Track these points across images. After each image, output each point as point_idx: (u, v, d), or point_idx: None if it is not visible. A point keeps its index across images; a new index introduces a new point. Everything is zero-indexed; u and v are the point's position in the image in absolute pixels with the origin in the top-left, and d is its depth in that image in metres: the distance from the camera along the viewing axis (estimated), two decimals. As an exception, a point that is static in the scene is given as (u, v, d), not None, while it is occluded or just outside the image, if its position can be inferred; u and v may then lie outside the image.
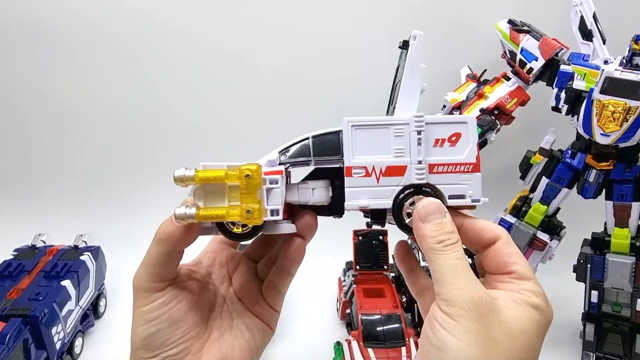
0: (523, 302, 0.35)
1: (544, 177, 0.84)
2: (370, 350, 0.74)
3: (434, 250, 0.36)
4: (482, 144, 0.82)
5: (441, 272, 0.35)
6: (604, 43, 0.78)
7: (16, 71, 1.10)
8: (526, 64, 0.84)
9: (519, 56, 0.84)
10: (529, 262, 0.85)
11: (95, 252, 0.91)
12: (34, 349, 0.72)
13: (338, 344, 0.79)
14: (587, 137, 0.76)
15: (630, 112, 0.70)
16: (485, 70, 0.90)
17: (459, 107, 0.88)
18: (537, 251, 0.86)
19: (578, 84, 0.78)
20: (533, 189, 0.87)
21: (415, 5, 0.99)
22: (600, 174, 0.78)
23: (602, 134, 0.73)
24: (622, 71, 0.71)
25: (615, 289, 0.79)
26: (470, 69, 0.93)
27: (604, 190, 0.79)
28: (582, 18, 0.79)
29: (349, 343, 0.77)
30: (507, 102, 0.86)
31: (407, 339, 0.76)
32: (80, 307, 0.84)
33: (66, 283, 0.80)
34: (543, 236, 0.85)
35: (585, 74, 0.77)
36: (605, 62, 0.76)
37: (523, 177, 0.88)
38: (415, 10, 0.99)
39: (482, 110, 0.84)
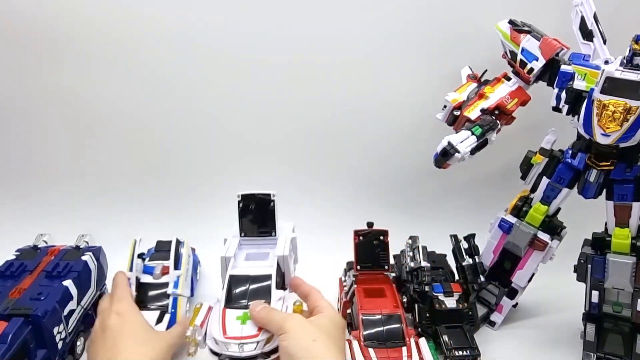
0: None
1: (544, 177, 0.84)
2: (371, 350, 0.74)
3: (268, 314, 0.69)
4: (482, 144, 0.82)
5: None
6: (604, 43, 0.78)
7: (17, 70, 1.10)
8: (527, 64, 0.84)
9: (519, 56, 0.84)
10: (529, 262, 0.86)
11: (97, 252, 0.91)
12: (35, 349, 0.72)
13: None
14: (587, 137, 0.76)
15: (630, 112, 0.70)
16: (486, 70, 0.90)
17: (459, 107, 0.88)
18: (537, 251, 0.86)
19: (578, 84, 0.78)
20: (534, 189, 0.87)
21: (415, 5, 0.99)
22: (600, 174, 0.78)
23: (602, 134, 0.72)
24: (622, 71, 0.71)
25: (616, 289, 0.79)
26: (471, 69, 0.94)
27: (605, 190, 0.79)
28: (582, 18, 0.79)
29: (350, 343, 0.77)
30: (507, 102, 0.86)
31: (407, 339, 0.76)
32: (82, 307, 0.84)
33: (68, 283, 0.80)
34: (544, 236, 0.85)
35: (585, 74, 0.77)
36: (606, 62, 0.76)
37: (524, 177, 0.88)
38: (416, 10, 0.99)
39: (482, 111, 0.85)
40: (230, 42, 1.05)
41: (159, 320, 0.83)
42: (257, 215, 0.81)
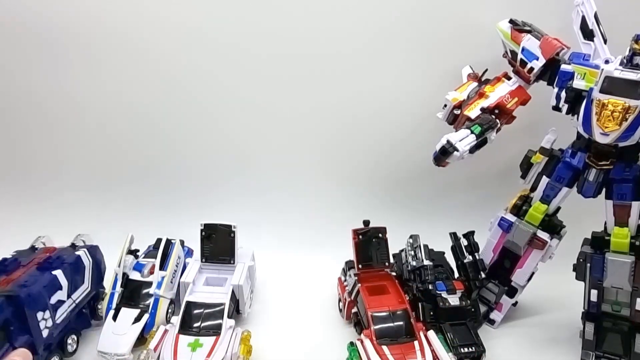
0: None
1: (544, 177, 0.84)
2: (384, 348, 0.73)
3: None
4: (482, 142, 0.82)
5: None
6: (605, 43, 0.79)
7: (16, 70, 1.08)
8: (527, 63, 0.84)
9: (520, 56, 0.85)
10: (529, 260, 0.86)
11: (93, 249, 0.89)
12: (17, 332, 0.70)
13: (352, 344, 0.78)
14: (587, 136, 0.76)
15: (629, 111, 0.70)
16: (487, 69, 0.91)
17: (459, 106, 0.88)
18: (537, 250, 0.86)
19: (578, 83, 0.78)
20: (534, 188, 0.87)
21: (416, 5, 0.99)
22: (600, 173, 0.78)
23: (601, 133, 0.73)
24: (622, 70, 0.71)
25: (615, 288, 0.79)
26: (472, 69, 0.94)
27: (604, 189, 0.79)
28: (583, 18, 0.79)
29: (362, 342, 0.76)
30: (507, 102, 0.86)
31: (417, 333, 0.76)
32: (74, 301, 0.82)
33: (57, 272, 0.78)
34: (543, 235, 0.85)
35: (585, 73, 0.78)
36: (606, 62, 0.76)
37: (524, 177, 0.88)
38: (417, 10, 1.00)
39: (482, 109, 0.85)
40: (229, 43, 1.05)
41: (138, 319, 0.82)
42: (218, 244, 0.88)
